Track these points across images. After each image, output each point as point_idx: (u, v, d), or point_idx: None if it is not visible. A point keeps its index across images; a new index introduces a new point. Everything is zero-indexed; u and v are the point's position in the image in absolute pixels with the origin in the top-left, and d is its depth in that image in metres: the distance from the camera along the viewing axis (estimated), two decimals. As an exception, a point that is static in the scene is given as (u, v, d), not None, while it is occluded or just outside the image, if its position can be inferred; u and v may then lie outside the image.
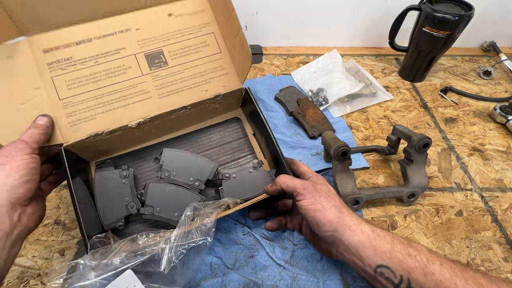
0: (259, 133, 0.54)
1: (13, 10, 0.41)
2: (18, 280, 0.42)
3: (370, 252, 0.34)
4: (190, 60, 0.50)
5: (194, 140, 0.54)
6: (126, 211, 0.43)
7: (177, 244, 0.35)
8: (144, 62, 0.48)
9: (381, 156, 0.60)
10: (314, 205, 0.37)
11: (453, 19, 0.63)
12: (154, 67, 0.48)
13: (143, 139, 0.51)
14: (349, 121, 0.66)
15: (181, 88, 0.49)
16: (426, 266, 0.32)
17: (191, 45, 0.50)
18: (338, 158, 0.48)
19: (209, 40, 0.51)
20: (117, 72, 0.46)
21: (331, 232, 0.36)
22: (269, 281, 0.42)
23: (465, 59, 0.86)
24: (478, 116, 0.69)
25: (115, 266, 0.33)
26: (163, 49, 0.48)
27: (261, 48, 0.86)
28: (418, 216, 0.50)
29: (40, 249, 0.45)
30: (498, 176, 0.57)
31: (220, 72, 0.51)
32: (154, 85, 0.48)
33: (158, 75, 0.48)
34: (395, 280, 0.33)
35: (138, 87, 0.47)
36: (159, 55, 0.48)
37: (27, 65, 0.43)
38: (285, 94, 0.69)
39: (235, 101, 0.54)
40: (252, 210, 0.47)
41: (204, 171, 0.49)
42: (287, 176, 0.41)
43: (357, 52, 0.87)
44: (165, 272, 0.33)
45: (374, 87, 0.73)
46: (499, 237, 0.48)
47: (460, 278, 0.31)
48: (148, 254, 0.34)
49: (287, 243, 0.46)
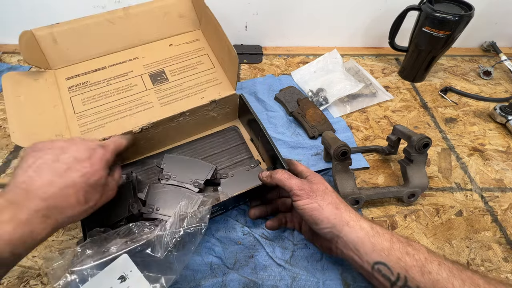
0: (256, 137, 0.55)
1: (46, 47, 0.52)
2: (18, 280, 0.42)
3: (368, 249, 0.35)
4: (187, 75, 0.57)
5: (194, 148, 0.57)
6: (128, 212, 0.44)
7: (172, 231, 0.35)
8: (148, 80, 0.56)
9: (381, 156, 0.60)
10: (311, 204, 0.37)
11: (453, 19, 0.63)
12: (156, 83, 0.56)
13: (146, 148, 0.56)
14: (349, 121, 0.66)
15: (180, 97, 0.55)
16: (424, 265, 0.32)
17: (188, 64, 0.58)
18: (338, 158, 0.48)
19: (204, 59, 0.59)
20: (125, 89, 0.54)
21: (329, 228, 0.37)
22: (269, 281, 0.42)
23: (465, 59, 0.86)
24: (478, 116, 0.69)
25: (111, 252, 0.33)
26: (164, 69, 0.57)
27: (261, 48, 0.86)
28: (418, 216, 0.50)
29: (40, 249, 0.45)
30: (498, 176, 0.57)
31: (215, 82, 0.57)
32: (156, 97, 0.55)
33: (159, 89, 0.55)
34: (392, 277, 0.33)
35: (142, 99, 0.54)
36: (161, 73, 0.57)
37: (50, 88, 0.52)
38: (285, 94, 0.69)
39: (232, 110, 0.60)
40: (252, 209, 0.47)
41: (203, 172, 0.50)
42: (285, 173, 0.41)
43: (357, 52, 0.87)
44: (161, 258, 0.34)
45: (374, 87, 0.73)
46: (499, 237, 0.48)
47: (458, 279, 0.31)
48: (144, 240, 0.34)
49: (287, 243, 0.46)
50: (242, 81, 0.75)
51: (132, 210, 0.44)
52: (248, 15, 0.81)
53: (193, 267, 0.43)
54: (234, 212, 0.50)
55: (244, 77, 0.77)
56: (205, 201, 0.39)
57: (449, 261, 0.33)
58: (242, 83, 0.74)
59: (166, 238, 0.35)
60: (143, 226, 0.37)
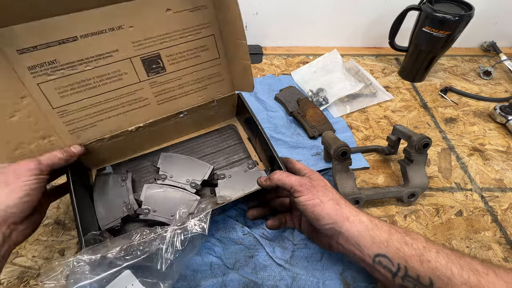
0: (254, 136, 0.55)
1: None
2: (18, 280, 0.42)
3: (368, 242, 0.35)
4: (188, 66, 0.47)
5: (191, 146, 0.56)
6: (123, 212, 0.44)
7: (172, 241, 0.35)
8: (141, 67, 0.44)
9: (381, 156, 0.60)
10: (312, 200, 0.37)
11: (453, 19, 0.63)
12: (151, 73, 0.45)
13: (142, 146, 0.52)
14: (349, 121, 0.66)
15: (178, 95, 0.49)
16: (423, 254, 0.33)
17: (190, 49, 0.46)
18: (338, 158, 0.48)
19: (209, 43, 0.47)
20: (113, 78, 0.43)
21: (330, 224, 0.37)
22: (269, 281, 0.42)
23: (465, 59, 0.86)
24: (478, 116, 0.69)
25: (112, 266, 0.33)
26: (160, 53, 0.44)
27: (261, 48, 0.86)
28: (418, 216, 0.50)
29: (40, 249, 0.45)
30: (498, 176, 0.57)
31: (217, 79, 0.50)
32: (152, 92, 0.46)
33: (155, 82, 0.46)
34: (393, 268, 0.33)
35: (136, 94, 0.45)
36: (157, 59, 0.44)
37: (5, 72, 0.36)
38: (285, 94, 0.69)
39: (230, 109, 0.56)
40: (250, 210, 0.47)
41: (200, 172, 0.49)
42: (283, 172, 0.41)
43: (357, 52, 0.87)
44: (162, 270, 0.34)
45: (374, 87, 0.73)
46: (499, 237, 0.48)
47: (456, 265, 0.31)
48: (145, 253, 0.34)
49: (287, 243, 0.46)
50: (242, 81, 0.75)
51: (127, 211, 0.44)
52: (248, 15, 0.81)
53: (193, 267, 0.43)
54: (234, 212, 0.50)
55: (244, 77, 0.77)
56: (204, 207, 0.38)
57: (448, 248, 0.34)
58: (242, 83, 0.74)
59: (167, 251, 0.34)
60: (142, 235, 0.36)
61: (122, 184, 0.47)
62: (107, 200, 0.45)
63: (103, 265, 0.33)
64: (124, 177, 0.47)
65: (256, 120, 0.51)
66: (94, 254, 0.33)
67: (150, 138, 0.52)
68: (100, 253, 0.33)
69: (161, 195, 0.46)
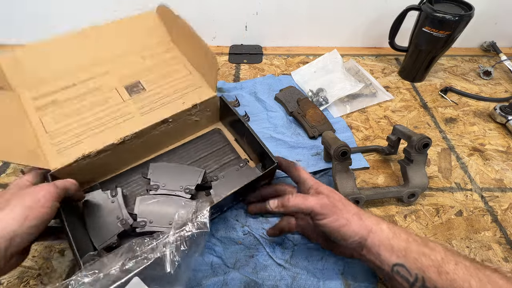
0: (241, 136, 0.55)
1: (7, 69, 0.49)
2: (18, 280, 0.42)
3: (388, 251, 0.35)
4: (165, 83, 0.56)
5: (179, 154, 0.56)
6: (119, 228, 0.43)
7: (176, 244, 0.35)
8: (124, 91, 0.54)
9: (381, 156, 0.60)
10: (338, 221, 0.37)
11: (453, 19, 0.63)
12: (133, 93, 0.54)
13: (130, 160, 0.54)
14: (349, 121, 0.66)
15: (160, 105, 0.53)
16: (441, 265, 0.32)
17: (164, 73, 0.57)
18: (338, 158, 0.48)
19: (179, 67, 0.58)
20: (101, 103, 0.52)
21: (357, 240, 0.36)
22: (270, 281, 0.42)
23: (465, 59, 0.86)
24: (478, 116, 0.69)
25: (118, 276, 0.32)
26: (140, 80, 0.56)
27: (261, 48, 0.86)
28: (418, 216, 0.50)
29: (40, 249, 0.45)
30: (498, 176, 0.57)
31: (193, 87, 0.56)
32: (135, 107, 0.53)
33: (138, 98, 0.54)
34: (410, 278, 0.33)
35: (121, 111, 0.52)
36: (137, 84, 0.55)
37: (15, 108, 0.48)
38: (285, 94, 0.69)
39: (214, 113, 0.59)
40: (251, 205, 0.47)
41: (193, 177, 0.49)
42: (297, 196, 0.39)
43: (357, 52, 0.87)
44: (171, 273, 0.33)
45: (374, 87, 0.73)
46: (499, 237, 0.48)
47: (475, 278, 0.31)
48: (151, 259, 0.33)
49: (287, 243, 0.46)
50: (242, 81, 0.75)
51: (123, 226, 0.43)
52: (248, 15, 0.81)
53: (194, 267, 0.43)
54: (234, 212, 0.50)
55: (244, 77, 0.77)
56: (202, 206, 0.38)
57: (468, 259, 0.33)
58: (242, 83, 0.74)
59: (173, 253, 0.34)
60: (143, 243, 0.35)
61: (112, 201, 0.45)
62: (98, 219, 0.44)
63: (107, 277, 0.32)
64: (113, 193, 0.46)
65: (241, 119, 0.51)
66: (97, 269, 0.32)
67: (137, 151, 0.53)
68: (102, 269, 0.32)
69: (156, 205, 0.46)
